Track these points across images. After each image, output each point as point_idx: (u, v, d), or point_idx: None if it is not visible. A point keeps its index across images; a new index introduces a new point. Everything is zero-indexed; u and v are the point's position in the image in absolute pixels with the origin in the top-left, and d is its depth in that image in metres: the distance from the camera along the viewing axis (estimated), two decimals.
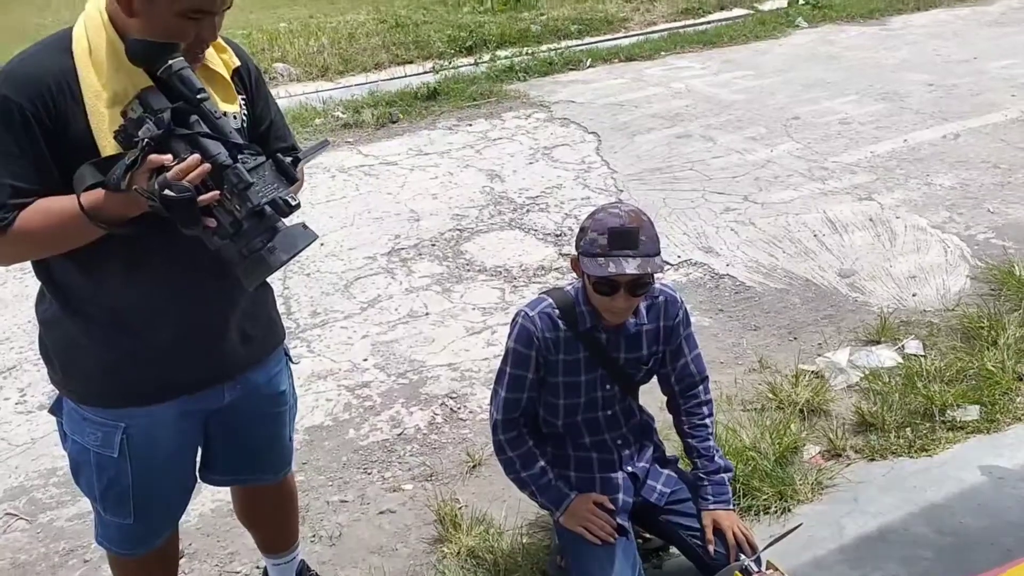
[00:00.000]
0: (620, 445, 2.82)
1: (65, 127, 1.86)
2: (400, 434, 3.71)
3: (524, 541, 2.99)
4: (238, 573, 3.01)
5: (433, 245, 5.32)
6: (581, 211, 5.58)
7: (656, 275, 2.59)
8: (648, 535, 2.99)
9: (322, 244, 5.33)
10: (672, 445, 3.18)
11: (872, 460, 3.32)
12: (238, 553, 3.09)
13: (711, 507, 2.72)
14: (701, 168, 6.21)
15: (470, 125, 7.32)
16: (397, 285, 4.87)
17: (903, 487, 3.14)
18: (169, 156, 1.79)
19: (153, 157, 1.78)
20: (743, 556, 2.46)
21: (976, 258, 4.77)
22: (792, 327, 4.32)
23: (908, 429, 3.43)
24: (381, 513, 3.27)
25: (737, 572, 2.43)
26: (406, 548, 3.10)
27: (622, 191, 5.93)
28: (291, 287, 4.84)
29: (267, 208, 1.82)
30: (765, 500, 3.11)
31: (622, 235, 2.48)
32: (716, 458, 2.79)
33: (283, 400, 2.42)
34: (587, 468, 2.81)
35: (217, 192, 1.80)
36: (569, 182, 6.11)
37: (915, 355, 3.94)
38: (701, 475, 2.76)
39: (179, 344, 2.08)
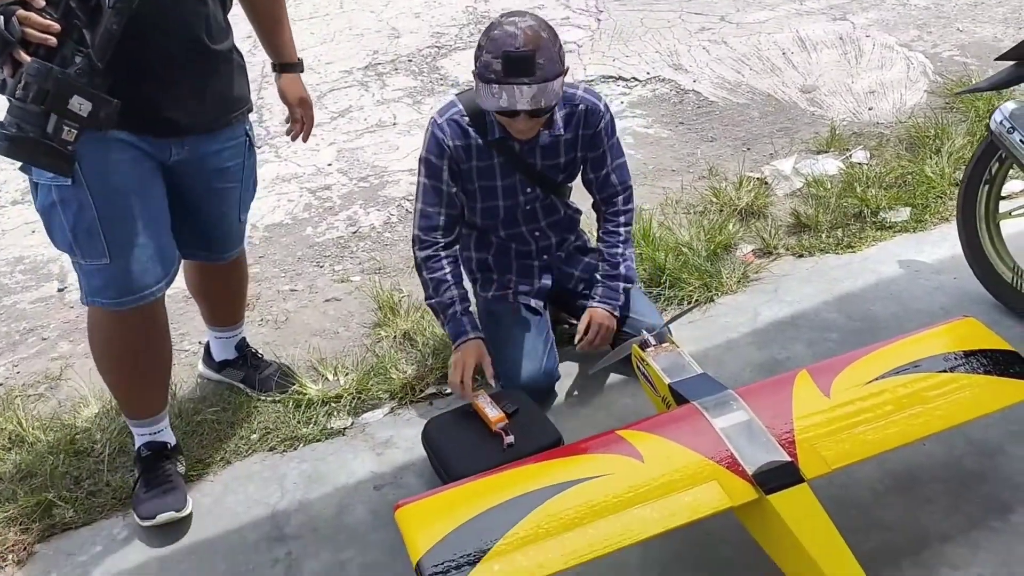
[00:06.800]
0: (538, 237, 2.75)
1: None
2: (355, 232, 3.67)
3: None
4: (187, 351, 3.03)
5: (410, 61, 5.16)
6: (558, 30, 5.36)
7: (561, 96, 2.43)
8: (574, 321, 2.96)
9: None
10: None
11: (800, 257, 3.25)
12: (188, 334, 3.10)
13: (594, 304, 2.66)
14: None
15: None
16: (369, 97, 4.75)
17: (823, 279, 3.08)
18: (41, 1, 1.74)
19: None
20: (644, 332, 2.42)
21: (937, 74, 4.57)
22: (747, 139, 4.19)
23: (839, 230, 3.35)
24: (327, 301, 3.26)
25: (635, 346, 2.40)
26: (347, 332, 3.10)
27: (601, 11, 5.70)
28: (265, 97, 4.71)
29: (52, 117, 1.77)
30: (691, 291, 3.06)
31: (517, 61, 2.27)
32: (620, 267, 2.70)
33: (229, 177, 2.36)
34: (505, 253, 2.78)
35: (32, 61, 1.73)
36: (551, 2, 5.86)
37: (860, 163, 3.81)
38: (599, 276, 2.70)
39: (132, 84, 2.00)
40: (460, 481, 1.93)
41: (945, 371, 2.08)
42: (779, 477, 1.85)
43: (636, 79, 4.82)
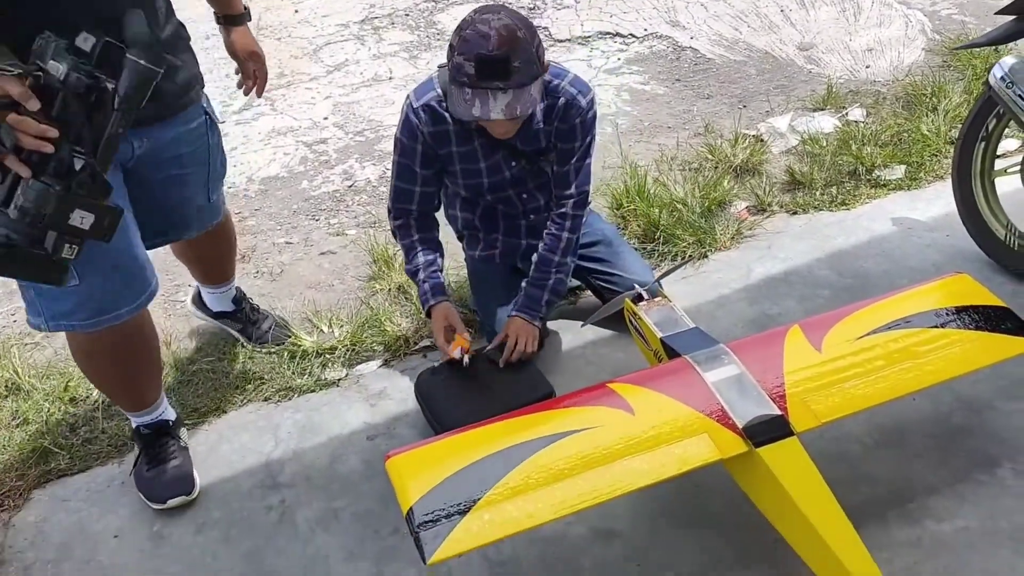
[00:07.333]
0: (525, 200, 2.68)
1: None
2: (351, 186, 3.64)
3: (451, 279, 2.95)
4: (182, 302, 3.01)
5: (407, 15, 5.08)
6: None
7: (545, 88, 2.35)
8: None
9: (296, 11, 5.11)
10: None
11: (794, 214, 3.23)
12: (183, 286, 3.08)
13: (513, 313, 2.56)
14: None
15: None
16: (366, 51, 4.69)
17: (816, 236, 3.06)
18: (36, 103, 1.54)
19: (23, 91, 1.53)
20: (636, 285, 2.41)
21: (935, 32, 4.51)
22: (743, 96, 4.14)
23: (834, 187, 3.32)
24: (323, 254, 3.24)
25: (628, 300, 2.38)
26: (341, 284, 3.08)
27: None
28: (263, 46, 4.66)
29: (50, 234, 1.58)
30: (685, 247, 3.04)
31: (491, 65, 2.12)
32: (550, 278, 2.54)
33: (188, 161, 2.17)
34: (492, 214, 2.73)
35: (31, 184, 1.54)
36: None
37: (856, 121, 3.78)
38: (525, 283, 2.58)
39: None
40: (451, 432, 1.93)
41: (936, 327, 2.07)
42: (769, 430, 1.84)
43: (633, 35, 4.75)
